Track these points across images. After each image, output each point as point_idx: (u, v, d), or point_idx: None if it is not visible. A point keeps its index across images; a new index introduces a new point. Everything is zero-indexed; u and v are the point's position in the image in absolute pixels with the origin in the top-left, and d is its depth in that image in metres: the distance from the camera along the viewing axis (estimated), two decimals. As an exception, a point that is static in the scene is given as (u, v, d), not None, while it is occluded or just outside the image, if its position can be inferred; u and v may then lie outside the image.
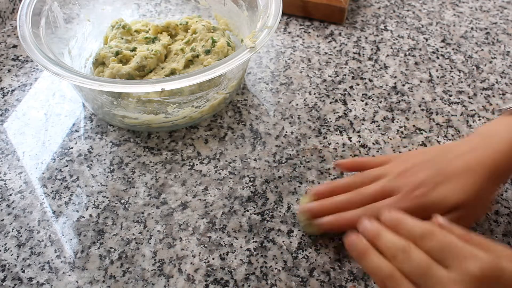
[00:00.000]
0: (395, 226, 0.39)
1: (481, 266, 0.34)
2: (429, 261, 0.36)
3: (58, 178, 0.54)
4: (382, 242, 0.38)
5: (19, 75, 0.66)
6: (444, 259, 0.35)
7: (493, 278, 0.34)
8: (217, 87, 0.57)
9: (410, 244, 0.37)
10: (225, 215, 0.51)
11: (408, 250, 0.36)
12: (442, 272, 0.35)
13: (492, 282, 0.34)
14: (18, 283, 0.46)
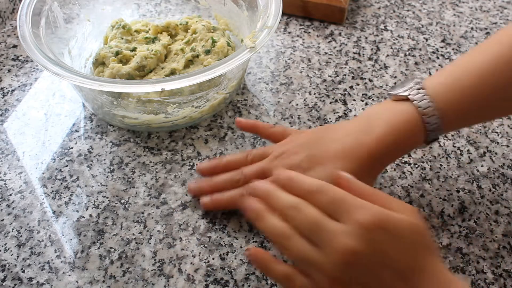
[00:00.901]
0: (287, 184, 0.39)
1: (368, 216, 0.35)
2: (320, 216, 0.36)
3: (58, 178, 0.54)
4: (274, 201, 0.39)
5: (19, 75, 0.66)
6: (335, 213, 0.36)
7: (381, 226, 0.35)
8: (217, 87, 0.57)
9: (301, 201, 0.38)
10: (225, 215, 0.51)
11: (299, 207, 0.37)
12: (333, 224, 0.36)
13: (380, 230, 0.35)
14: (18, 283, 0.46)
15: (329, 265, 0.35)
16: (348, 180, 0.39)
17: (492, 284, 0.46)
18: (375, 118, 0.46)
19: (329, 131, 0.48)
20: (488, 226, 0.50)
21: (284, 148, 0.48)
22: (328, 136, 0.47)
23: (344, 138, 0.45)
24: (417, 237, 0.36)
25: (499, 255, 0.48)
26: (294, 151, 0.47)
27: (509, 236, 0.49)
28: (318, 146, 0.46)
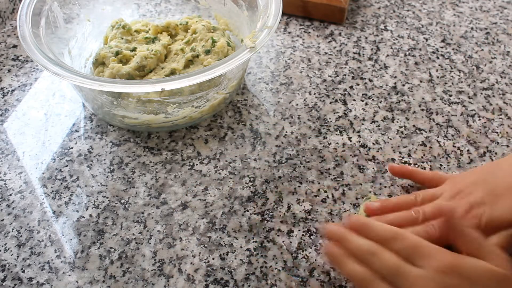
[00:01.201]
0: (363, 230, 0.41)
1: (443, 261, 0.37)
2: (399, 261, 0.38)
3: (58, 178, 0.54)
4: (352, 246, 0.41)
5: (19, 75, 0.66)
6: (413, 259, 0.38)
7: (455, 270, 0.37)
8: (217, 87, 0.57)
9: (378, 247, 0.40)
10: (225, 215, 0.51)
11: (378, 252, 0.39)
12: (412, 269, 0.38)
13: (454, 275, 0.37)
14: (18, 283, 0.46)
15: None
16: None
17: (492, 284, 0.46)
18: None
19: (496, 167, 0.48)
20: (488, 226, 0.50)
21: (456, 189, 0.46)
22: (498, 171, 0.47)
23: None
24: (495, 284, 0.37)
25: (499, 255, 0.48)
26: (470, 190, 0.46)
27: (509, 236, 0.49)
28: (493, 180, 0.46)
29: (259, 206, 0.52)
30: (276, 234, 0.49)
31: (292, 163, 0.56)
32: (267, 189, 0.53)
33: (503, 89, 0.64)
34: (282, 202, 0.52)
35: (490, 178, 0.46)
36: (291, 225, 0.50)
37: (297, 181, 0.54)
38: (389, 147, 0.57)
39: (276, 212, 0.51)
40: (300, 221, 0.50)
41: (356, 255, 0.40)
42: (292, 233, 0.49)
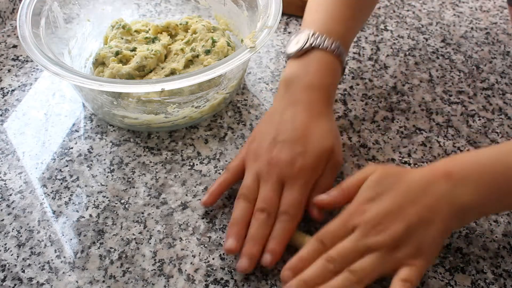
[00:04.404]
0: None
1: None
2: (349, 243, 0.43)
3: (58, 178, 0.54)
4: (309, 278, 0.42)
5: (19, 75, 0.66)
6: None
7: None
8: (217, 87, 0.57)
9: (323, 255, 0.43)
10: (225, 215, 0.51)
11: (328, 255, 0.43)
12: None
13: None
14: (18, 283, 0.46)
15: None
16: (322, 201, 0.47)
17: (492, 284, 0.46)
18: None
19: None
20: (488, 226, 0.50)
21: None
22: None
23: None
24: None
25: (499, 255, 0.48)
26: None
27: (509, 236, 0.49)
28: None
29: (259, 206, 0.52)
30: (276, 234, 0.49)
31: (292, 163, 0.56)
32: (267, 189, 0.53)
33: (503, 89, 0.64)
34: (282, 202, 0.52)
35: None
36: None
37: (297, 181, 0.54)
38: (389, 147, 0.57)
39: (276, 212, 0.51)
40: (300, 221, 0.50)
41: (320, 277, 0.42)
42: (292, 233, 0.49)
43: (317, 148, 0.48)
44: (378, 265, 0.42)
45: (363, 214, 0.43)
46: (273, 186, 0.47)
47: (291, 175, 0.47)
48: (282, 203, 0.47)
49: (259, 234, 0.46)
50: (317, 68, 0.52)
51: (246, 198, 0.48)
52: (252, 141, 0.51)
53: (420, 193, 0.43)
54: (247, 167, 0.50)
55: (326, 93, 0.52)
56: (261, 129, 0.51)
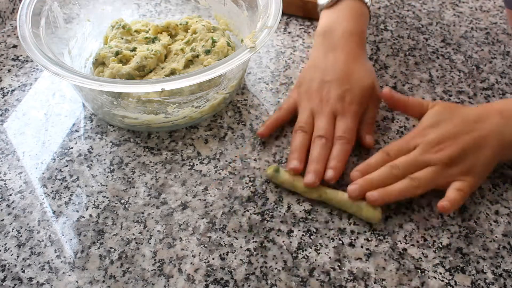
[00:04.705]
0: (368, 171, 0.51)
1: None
2: (412, 155, 0.50)
3: (58, 178, 0.54)
4: (375, 180, 0.50)
5: (19, 75, 0.66)
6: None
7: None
8: (217, 87, 0.57)
9: (389, 163, 0.50)
10: (225, 215, 0.51)
11: (394, 163, 0.50)
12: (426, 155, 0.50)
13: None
14: (18, 283, 0.46)
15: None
16: (390, 91, 0.55)
17: (492, 284, 0.46)
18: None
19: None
20: (488, 226, 0.50)
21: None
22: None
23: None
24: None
25: (499, 255, 0.48)
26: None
27: (509, 236, 0.49)
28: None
29: (259, 206, 0.52)
30: (276, 234, 0.49)
31: (292, 163, 0.56)
32: (267, 189, 0.53)
33: (503, 89, 0.64)
34: (282, 202, 0.52)
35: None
36: (291, 225, 0.50)
37: (297, 181, 0.54)
38: (389, 147, 0.57)
39: (276, 212, 0.51)
40: (300, 221, 0.50)
41: (384, 180, 0.49)
42: (292, 233, 0.49)
43: (361, 85, 0.56)
44: (434, 177, 0.49)
45: (424, 136, 0.50)
46: (327, 118, 0.54)
47: (342, 108, 0.55)
48: (337, 130, 0.54)
49: (321, 155, 0.52)
50: (349, 16, 0.59)
51: (304, 130, 0.54)
52: (300, 85, 0.58)
53: (475, 124, 0.50)
54: (300, 107, 0.57)
55: (360, 38, 0.59)
56: (307, 74, 0.58)
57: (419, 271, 0.47)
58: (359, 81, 0.56)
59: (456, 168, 0.49)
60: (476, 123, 0.50)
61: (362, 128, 0.56)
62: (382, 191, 0.48)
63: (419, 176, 0.49)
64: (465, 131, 0.50)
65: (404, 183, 0.49)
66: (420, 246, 0.49)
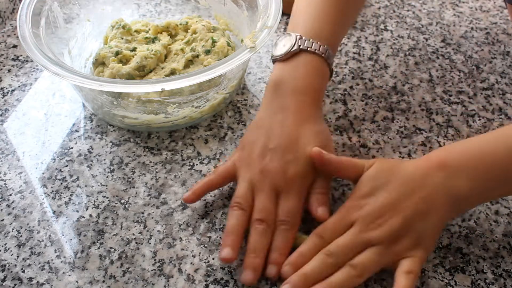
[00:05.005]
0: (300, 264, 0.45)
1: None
2: (348, 237, 0.44)
3: (58, 178, 0.54)
4: (309, 272, 0.43)
5: (19, 75, 0.66)
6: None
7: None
8: (217, 87, 0.57)
9: (321, 250, 0.44)
10: (225, 215, 0.51)
11: (327, 250, 0.44)
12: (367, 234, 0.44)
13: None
14: (18, 283, 0.46)
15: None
16: (320, 153, 0.47)
17: (492, 284, 0.46)
18: None
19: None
20: (488, 226, 0.50)
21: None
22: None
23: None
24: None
25: (499, 255, 0.48)
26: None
27: (509, 236, 0.49)
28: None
29: (259, 206, 0.52)
30: (276, 234, 0.49)
31: (292, 163, 0.56)
32: (267, 189, 0.53)
33: (503, 89, 0.64)
34: (282, 202, 0.52)
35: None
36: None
37: (297, 181, 0.54)
38: (389, 147, 0.57)
39: (276, 212, 0.51)
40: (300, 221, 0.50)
41: (321, 272, 0.43)
42: (292, 233, 0.49)
43: (307, 153, 0.48)
44: (378, 259, 0.43)
45: (361, 209, 0.44)
46: (268, 195, 0.47)
47: (284, 183, 0.48)
48: (280, 213, 0.47)
49: (261, 245, 0.46)
50: (305, 71, 0.52)
51: (241, 207, 0.47)
52: (243, 148, 0.51)
53: (416, 185, 0.44)
54: (239, 176, 0.49)
55: (314, 96, 0.52)
56: (251, 136, 0.51)
57: (419, 271, 0.47)
58: (305, 149, 0.48)
59: (402, 244, 0.43)
60: (416, 182, 0.44)
61: (312, 200, 0.48)
62: (320, 287, 0.42)
63: (359, 261, 0.43)
64: (405, 196, 0.43)
65: (344, 273, 0.42)
66: (420, 246, 0.48)
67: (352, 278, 0.42)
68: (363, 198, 0.45)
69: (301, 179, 0.48)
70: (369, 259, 0.43)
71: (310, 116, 0.51)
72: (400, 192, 0.44)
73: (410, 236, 0.43)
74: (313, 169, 0.49)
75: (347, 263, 0.43)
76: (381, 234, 0.43)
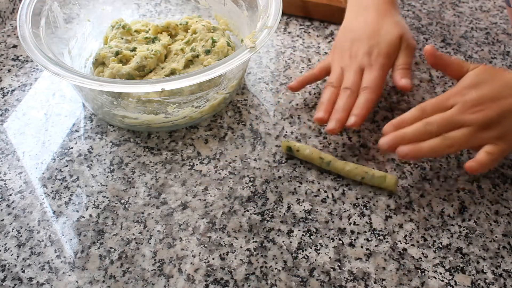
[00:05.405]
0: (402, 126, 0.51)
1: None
2: (447, 113, 0.49)
3: (58, 178, 0.54)
4: (409, 134, 0.49)
5: (19, 75, 0.66)
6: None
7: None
8: (217, 87, 0.57)
9: (425, 119, 0.49)
10: (225, 215, 0.51)
11: (429, 120, 0.49)
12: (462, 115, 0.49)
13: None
14: (18, 283, 0.46)
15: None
16: (433, 50, 0.53)
17: (492, 284, 0.46)
18: None
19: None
20: (488, 226, 0.50)
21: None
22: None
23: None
24: None
25: (499, 255, 0.48)
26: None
27: (509, 236, 0.49)
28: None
29: (259, 206, 0.52)
30: (276, 234, 0.49)
31: (292, 163, 0.56)
32: (267, 189, 0.53)
33: (503, 89, 0.64)
34: (282, 202, 0.52)
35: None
36: (291, 225, 0.50)
37: (297, 181, 0.54)
38: (389, 147, 0.57)
39: (276, 212, 0.51)
40: (300, 221, 0.50)
41: (417, 136, 0.48)
42: (292, 233, 0.49)
43: (388, 38, 0.57)
44: (468, 138, 0.48)
45: (463, 96, 0.49)
46: (354, 72, 0.56)
47: (369, 62, 0.56)
48: (363, 82, 0.55)
49: (345, 105, 0.54)
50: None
51: (333, 85, 0.57)
52: (335, 47, 0.60)
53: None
54: (332, 65, 0.59)
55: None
56: (341, 37, 0.60)
57: (419, 271, 0.47)
58: (386, 35, 0.57)
59: (491, 132, 0.48)
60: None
61: (396, 74, 0.56)
62: (413, 146, 0.48)
63: (453, 135, 0.48)
64: (504, 96, 0.48)
65: (437, 141, 0.48)
66: (420, 246, 0.49)
67: (444, 147, 0.48)
68: (466, 88, 0.50)
69: (383, 58, 0.56)
70: (461, 135, 0.48)
71: (388, 10, 0.60)
72: (501, 91, 0.49)
73: (500, 128, 0.48)
74: (393, 51, 0.57)
75: (441, 134, 0.48)
76: (476, 118, 0.48)
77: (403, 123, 0.50)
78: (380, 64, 0.56)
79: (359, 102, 0.54)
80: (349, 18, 0.62)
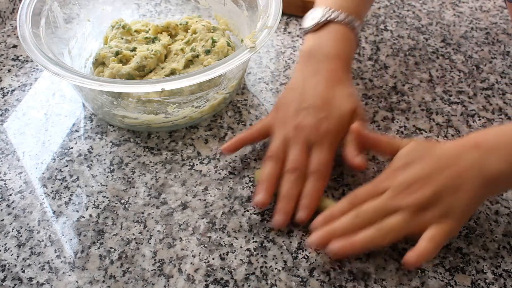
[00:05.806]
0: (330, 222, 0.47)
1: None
2: (378, 201, 0.46)
3: (58, 178, 0.54)
4: (338, 229, 0.45)
5: (19, 75, 0.66)
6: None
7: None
8: (217, 87, 0.57)
9: (354, 210, 0.46)
10: (225, 215, 0.51)
11: (359, 210, 0.45)
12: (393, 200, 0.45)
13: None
14: (18, 283, 0.46)
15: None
16: (359, 129, 0.50)
17: (492, 284, 0.46)
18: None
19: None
20: (488, 226, 0.50)
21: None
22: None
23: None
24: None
25: (499, 255, 0.48)
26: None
27: (509, 236, 0.49)
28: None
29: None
30: (276, 234, 0.49)
31: (292, 163, 0.56)
32: (267, 189, 0.53)
33: (503, 89, 0.64)
34: (282, 202, 0.52)
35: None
36: (291, 225, 0.50)
37: (297, 181, 0.54)
38: (389, 147, 0.57)
39: (276, 212, 0.51)
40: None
41: (349, 228, 0.45)
42: (292, 233, 0.49)
43: (339, 111, 0.52)
44: (405, 223, 0.44)
45: (394, 179, 0.46)
46: (301, 148, 0.50)
47: (317, 138, 0.50)
48: (311, 164, 0.50)
49: (292, 193, 0.48)
50: (334, 39, 0.56)
51: (275, 159, 0.50)
52: (277, 110, 0.54)
53: (450, 162, 0.45)
54: (274, 133, 0.52)
55: (344, 62, 0.56)
56: (286, 99, 0.54)
57: (419, 271, 0.47)
58: (338, 108, 0.52)
59: (431, 212, 0.44)
60: (450, 159, 0.45)
61: (348, 151, 0.50)
62: (343, 242, 0.44)
63: (387, 223, 0.44)
64: (438, 171, 0.45)
65: (371, 232, 0.44)
66: (420, 246, 0.49)
67: (376, 239, 0.44)
68: (397, 170, 0.47)
69: (333, 134, 0.51)
70: (395, 223, 0.44)
71: (341, 79, 0.54)
72: (433, 166, 0.45)
73: (439, 207, 0.44)
74: (344, 126, 0.52)
75: (373, 225, 0.44)
76: (410, 201, 0.44)
77: (333, 216, 0.46)
78: (329, 142, 0.50)
79: (308, 190, 0.49)
80: (297, 79, 0.55)
